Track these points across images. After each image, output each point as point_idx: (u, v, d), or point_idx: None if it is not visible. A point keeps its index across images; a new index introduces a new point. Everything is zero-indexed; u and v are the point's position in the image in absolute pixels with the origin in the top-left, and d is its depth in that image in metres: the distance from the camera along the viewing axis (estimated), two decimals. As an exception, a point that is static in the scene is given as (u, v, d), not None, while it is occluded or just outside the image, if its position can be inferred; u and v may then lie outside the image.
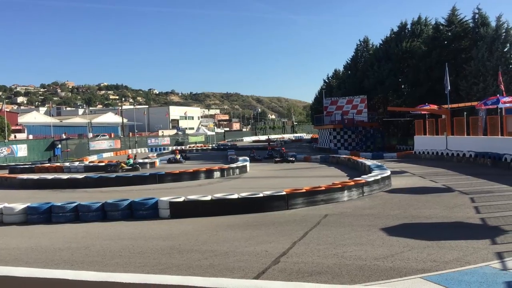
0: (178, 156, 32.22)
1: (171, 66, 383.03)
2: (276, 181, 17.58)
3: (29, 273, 3.13)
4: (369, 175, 14.54)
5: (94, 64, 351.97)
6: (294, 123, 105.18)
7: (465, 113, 25.02)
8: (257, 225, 9.40)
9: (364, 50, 49.19)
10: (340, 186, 12.24)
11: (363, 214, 10.06)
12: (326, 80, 57.40)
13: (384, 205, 11.16)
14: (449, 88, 25.85)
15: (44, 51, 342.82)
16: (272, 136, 70.56)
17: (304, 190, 11.56)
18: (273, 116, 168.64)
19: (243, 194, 11.26)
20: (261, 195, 11.16)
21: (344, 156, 26.64)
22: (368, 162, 19.31)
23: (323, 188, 11.92)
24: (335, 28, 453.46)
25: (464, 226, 8.50)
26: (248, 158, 25.47)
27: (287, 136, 76.83)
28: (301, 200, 11.34)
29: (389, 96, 42.27)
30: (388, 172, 14.98)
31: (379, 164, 18.40)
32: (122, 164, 24.83)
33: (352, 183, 12.79)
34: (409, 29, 41.90)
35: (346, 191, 12.19)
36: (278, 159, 28.30)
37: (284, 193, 11.28)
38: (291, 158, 28.00)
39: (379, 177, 13.85)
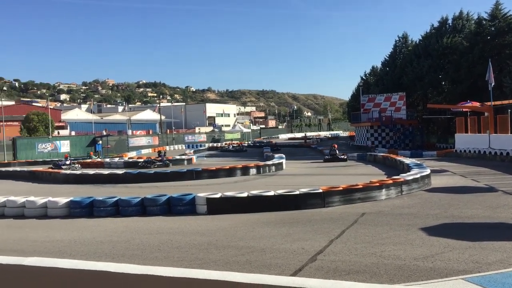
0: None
1: (207, 63, 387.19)
2: (313, 179, 17.47)
3: (74, 265, 3.24)
4: (408, 173, 14.26)
5: (133, 62, 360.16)
6: (330, 120, 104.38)
7: (509, 110, 24.08)
8: (293, 222, 9.37)
9: (403, 46, 48.16)
10: (378, 184, 12.04)
11: (401, 213, 9.87)
12: (364, 77, 56.64)
13: (423, 204, 10.92)
14: (493, 84, 24.99)
15: (86, 49, 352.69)
16: (309, 134, 70.27)
17: (341, 188, 11.44)
18: (309, 114, 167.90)
19: (279, 191, 11.26)
20: (297, 192, 11.11)
21: (382, 154, 26.16)
22: (407, 161, 18.95)
23: (360, 186, 11.76)
24: (373, 24, 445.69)
25: (508, 227, 8.21)
26: (284, 156, 25.28)
27: (323, 134, 76.35)
28: (338, 198, 11.23)
29: (429, 93, 41.18)
30: (427, 171, 14.63)
31: (418, 162, 18.00)
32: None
33: (390, 181, 12.56)
34: (450, 25, 40.67)
35: (384, 190, 11.98)
36: (327, 157, 26.72)
37: (321, 190, 11.18)
38: (342, 156, 26.08)
39: (418, 175, 13.55)
